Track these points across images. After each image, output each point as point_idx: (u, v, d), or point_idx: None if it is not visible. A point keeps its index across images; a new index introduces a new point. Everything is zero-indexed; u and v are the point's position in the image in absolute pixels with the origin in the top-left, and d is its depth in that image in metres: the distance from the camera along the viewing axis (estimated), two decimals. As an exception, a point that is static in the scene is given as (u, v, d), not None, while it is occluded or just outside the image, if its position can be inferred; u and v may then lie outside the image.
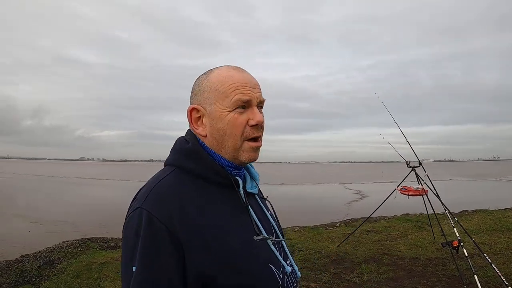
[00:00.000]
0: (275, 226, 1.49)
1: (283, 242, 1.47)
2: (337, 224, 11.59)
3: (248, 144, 1.33)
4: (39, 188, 36.65)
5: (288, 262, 1.40)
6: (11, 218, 17.66)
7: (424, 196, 7.92)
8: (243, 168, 1.44)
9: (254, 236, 1.29)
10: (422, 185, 7.77)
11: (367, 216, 9.35)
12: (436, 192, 7.11)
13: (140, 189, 1.32)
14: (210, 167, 1.32)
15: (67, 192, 32.99)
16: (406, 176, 7.97)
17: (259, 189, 1.54)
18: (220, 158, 1.35)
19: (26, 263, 7.53)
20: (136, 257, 1.15)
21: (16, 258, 8.03)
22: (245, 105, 1.31)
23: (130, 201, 1.33)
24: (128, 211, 1.28)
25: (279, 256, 1.36)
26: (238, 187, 1.35)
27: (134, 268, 1.15)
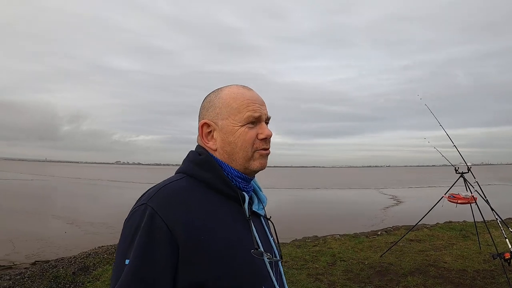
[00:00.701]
0: (275, 248, 1.53)
1: (280, 268, 1.51)
2: (379, 233, 11.29)
3: (258, 152, 1.43)
4: (74, 190, 37.61)
5: None
6: (48, 218, 18.25)
7: (472, 204, 7.56)
8: (251, 181, 1.52)
9: (252, 251, 1.32)
10: (471, 193, 7.41)
11: (409, 224, 9.03)
12: (487, 199, 6.77)
13: (148, 190, 1.37)
14: (220, 178, 1.39)
15: (102, 194, 33.88)
16: (455, 183, 7.64)
17: (264, 211, 1.60)
18: (230, 168, 1.44)
19: (61, 269, 7.51)
20: (131, 250, 1.19)
21: (50, 263, 8.05)
22: (255, 121, 1.43)
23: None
24: (132, 207, 1.33)
25: (273, 279, 1.40)
26: (244, 201, 1.40)
27: (127, 261, 1.18)
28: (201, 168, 1.40)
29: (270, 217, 1.62)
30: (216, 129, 1.45)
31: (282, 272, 1.52)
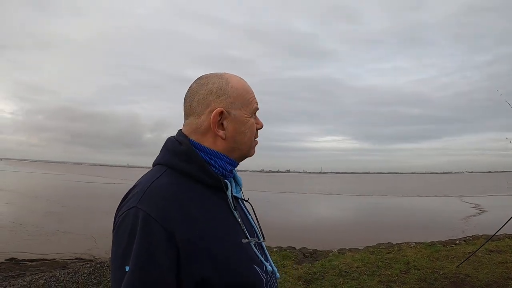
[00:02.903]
0: (256, 228, 1.56)
1: (263, 244, 1.54)
2: (456, 242, 10.89)
3: (255, 142, 1.53)
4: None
5: (268, 263, 1.47)
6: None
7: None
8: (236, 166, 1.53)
9: (242, 240, 1.36)
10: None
11: (491, 234, 8.62)
12: None
13: (130, 190, 1.36)
14: (203, 169, 1.37)
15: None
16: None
17: (241, 192, 1.60)
18: (223, 156, 1.43)
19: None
20: (130, 257, 1.17)
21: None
22: (254, 113, 1.50)
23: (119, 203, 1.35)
24: (118, 212, 1.31)
25: (260, 257, 1.43)
26: (227, 189, 1.41)
27: (127, 268, 1.17)
28: (181, 159, 1.38)
29: (248, 199, 1.63)
30: (228, 118, 1.41)
31: (266, 250, 1.54)
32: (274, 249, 10.14)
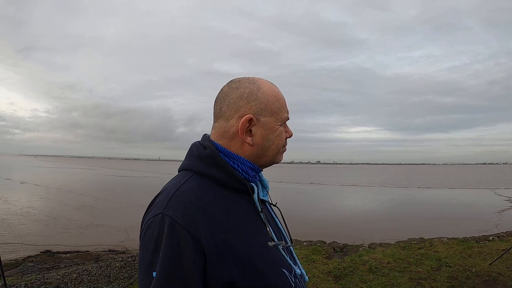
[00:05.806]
0: (284, 232, 1.56)
1: (291, 248, 1.54)
2: (490, 238, 10.66)
3: (283, 149, 1.53)
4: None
5: (297, 266, 1.46)
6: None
7: None
8: (260, 172, 1.55)
9: (269, 242, 1.35)
10: None
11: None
12: None
13: (157, 196, 1.38)
14: (228, 173, 1.38)
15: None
16: None
17: (269, 196, 1.60)
18: (246, 161, 1.43)
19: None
20: (157, 263, 1.19)
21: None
22: (284, 122, 1.50)
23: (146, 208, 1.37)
24: (144, 218, 1.32)
25: (289, 260, 1.43)
26: (253, 193, 1.41)
27: (154, 274, 1.18)
28: (206, 164, 1.38)
29: (276, 203, 1.62)
30: (257, 124, 1.42)
31: (294, 254, 1.54)
32: (304, 243, 10.17)
